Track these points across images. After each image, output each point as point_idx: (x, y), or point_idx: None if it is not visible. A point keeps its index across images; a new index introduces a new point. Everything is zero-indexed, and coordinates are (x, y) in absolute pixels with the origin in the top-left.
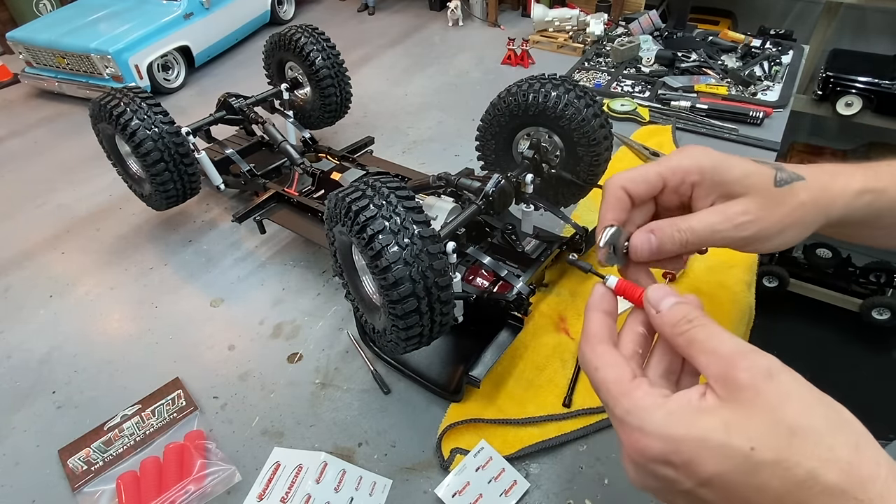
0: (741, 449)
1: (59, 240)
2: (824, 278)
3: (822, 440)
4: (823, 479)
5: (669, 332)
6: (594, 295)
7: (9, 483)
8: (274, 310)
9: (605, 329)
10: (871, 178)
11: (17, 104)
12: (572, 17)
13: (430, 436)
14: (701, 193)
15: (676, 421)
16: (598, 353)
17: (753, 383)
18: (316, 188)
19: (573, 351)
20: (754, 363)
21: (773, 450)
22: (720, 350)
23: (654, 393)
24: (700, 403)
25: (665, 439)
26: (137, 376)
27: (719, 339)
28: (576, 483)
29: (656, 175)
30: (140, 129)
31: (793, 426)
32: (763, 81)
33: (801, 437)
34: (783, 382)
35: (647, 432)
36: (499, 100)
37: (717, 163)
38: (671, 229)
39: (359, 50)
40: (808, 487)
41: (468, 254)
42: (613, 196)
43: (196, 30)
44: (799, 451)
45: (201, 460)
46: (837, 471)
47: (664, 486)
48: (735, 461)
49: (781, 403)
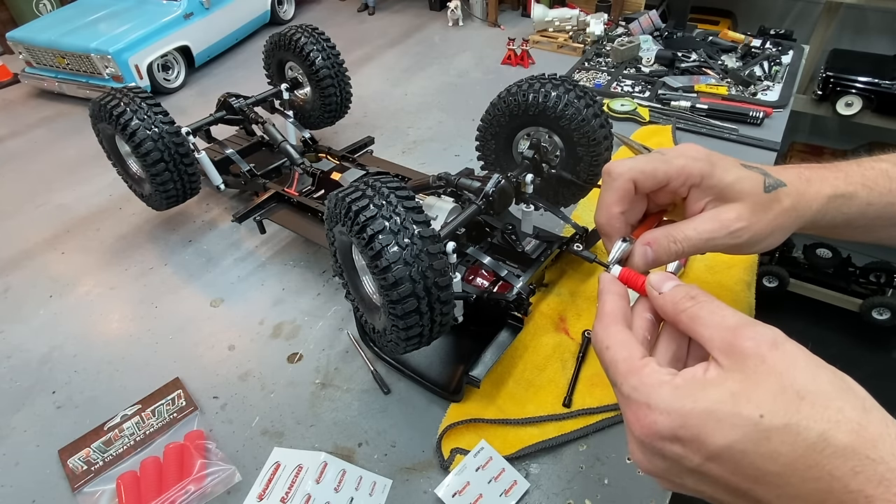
0: (750, 417)
1: (59, 240)
2: (824, 278)
3: (831, 403)
4: (834, 441)
5: (672, 310)
6: (603, 281)
7: (9, 483)
8: (274, 310)
9: (618, 310)
10: (842, 183)
11: (17, 104)
12: (572, 17)
13: (430, 436)
14: (696, 196)
15: (683, 395)
16: (610, 332)
17: (758, 351)
18: (316, 188)
19: (573, 351)
20: (759, 333)
21: (783, 415)
22: (724, 323)
23: (661, 371)
24: (706, 377)
25: (672, 414)
26: (137, 376)
27: (722, 314)
28: (576, 483)
29: (664, 175)
30: (140, 129)
31: (801, 390)
32: (763, 81)
33: (810, 401)
34: (788, 350)
35: (654, 408)
36: (499, 100)
37: (714, 166)
38: (666, 241)
39: (359, 50)
40: (819, 450)
41: (468, 254)
42: (622, 188)
43: (196, 30)
44: (808, 415)
45: (201, 460)
46: (847, 431)
47: (671, 465)
48: (744, 430)
49: (788, 369)
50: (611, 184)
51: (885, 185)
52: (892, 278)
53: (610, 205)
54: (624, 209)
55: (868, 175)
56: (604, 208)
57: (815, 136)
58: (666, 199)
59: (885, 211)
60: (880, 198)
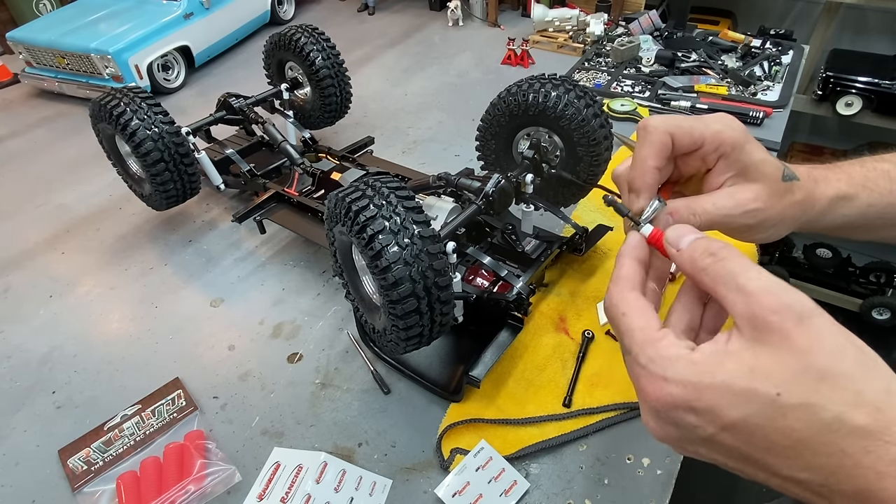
0: (767, 394)
1: (59, 240)
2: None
3: (852, 385)
4: (851, 422)
5: (690, 268)
6: (628, 242)
7: (9, 483)
8: (274, 310)
9: (636, 275)
10: (844, 185)
11: (17, 104)
12: (572, 17)
13: (430, 436)
14: (721, 168)
15: (701, 368)
16: (627, 299)
17: (783, 326)
18: (316, 188)
19: (573, 351)
20: (785, 305)
21: (801, 395)
22: (748, 287)
23: (679, 344)
24: (727, 347)
25: (688, 385)
26: (137, 376)
27: (746, 275)
28: (576, 483)
29: (700, 136)
30: (140, 129)
31: (823, 371)
32: (763, 81)
33: (831, 383)
34: (814, 326)
35: (670, 380)
36: (499, 100)
37: (747, 141)
38: (687, 213)
39: (359, 50)
40: (834, 430)
41: (468, 254)
42: (659, 140)
43: (196, 30)
44: (827, 396)
45: (201, 460)
46: (864, 414)
47: (684, 434)
48: (759, 405)
49: (812, 348)
50: (647, 137)
51: (885, 186)
52: (892, 278)
53: (646, 158)
54: (660, 165)
55: (870, 177)
56: (640, 162)
57: (815, 136)
58: (692, 168)
59: (885, 212)
60: (881, 199)
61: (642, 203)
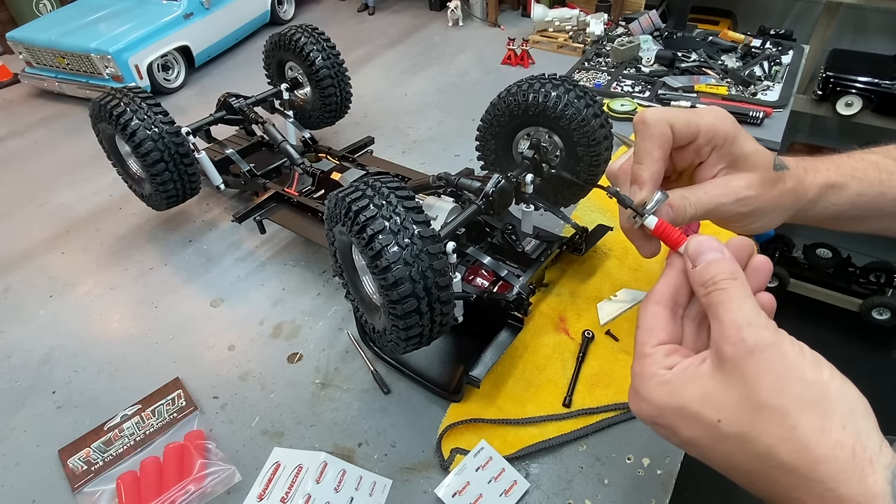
0: (710, 420)
1: (59, 240)
2: (824, 278)
3: (786, 420)
4: (778, 457)
5: (697, 291)
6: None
7: (9, 483)
8: (274, 310)
9: (666, 288)
10: (833, 174)
11: (17, 104)
12: (572, 17)
13: (430, 436)
14: (714, 160)
15: (667, 389)
16: (646, 311)
17: (735, 358)
18: (316, 188)
19: (573, 351)
20: (741, 338)
21: (738, 424)
22: (724, 319)
23: (658, 363)
24: (696, 370)
25: (653, 406)
26: (137, 376)
27: (727, 306)
28: (576, 483)
29: (696, 127)
30: (140, 129)
31: (760, 404)
32: (763, 81)
33: (766, 416)
34: (762, 360)
35: (641, 396)
36: (499, 100)
37: (739, 133)
38: (683, 203)
39: (359, 50)
40: (765, 461)
41: (468, 254)
42: (660, 131)
43: (196, 30)
44: (760, 429)
45: (201, 460)
46: (790, 451)
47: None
48: (703, 429)
49: (755, 380)
50: (648, 130)
51: (874, 175)
52: (892, 278)
53: (650, 149)
54: (663, 155)
55: (858, 167)
56: (643, 154)
57: (815, 136)
58: (685, 161)
59: (875, 201)
60: (870, 188)
61: (646, 194)
